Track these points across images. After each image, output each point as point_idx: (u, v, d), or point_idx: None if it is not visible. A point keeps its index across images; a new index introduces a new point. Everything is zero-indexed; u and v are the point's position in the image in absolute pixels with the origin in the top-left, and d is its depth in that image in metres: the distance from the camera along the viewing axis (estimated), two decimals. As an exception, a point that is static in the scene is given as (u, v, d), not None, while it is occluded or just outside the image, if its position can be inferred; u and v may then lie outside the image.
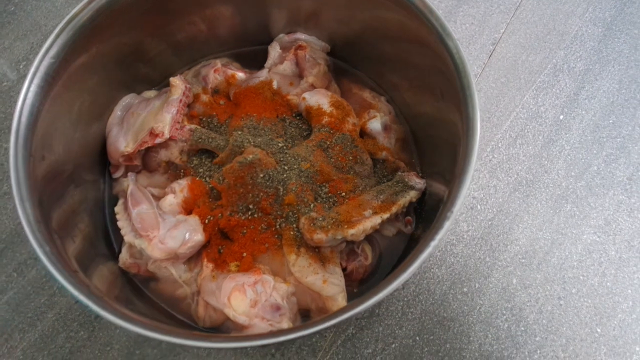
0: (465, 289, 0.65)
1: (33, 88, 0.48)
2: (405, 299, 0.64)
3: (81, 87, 0.57)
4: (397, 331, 0.63)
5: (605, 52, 0.81)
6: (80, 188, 0.58)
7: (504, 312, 0.64)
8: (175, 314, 0.58)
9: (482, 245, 0.68)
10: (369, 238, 0.58)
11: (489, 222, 0.69)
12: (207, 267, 0.56)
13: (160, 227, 0.55)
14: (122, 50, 0.62)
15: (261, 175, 0.55)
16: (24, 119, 0.47)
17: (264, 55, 0.71)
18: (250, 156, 0.56)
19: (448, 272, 0.66)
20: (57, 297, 0.63)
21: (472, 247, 0.67)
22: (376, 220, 0.55)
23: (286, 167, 0.57)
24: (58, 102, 0.52)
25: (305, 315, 0.57)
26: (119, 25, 0.58)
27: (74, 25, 0.52)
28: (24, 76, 0.77)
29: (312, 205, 0.56)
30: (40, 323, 0.62)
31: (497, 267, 0.66)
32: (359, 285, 0.59)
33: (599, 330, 0.63)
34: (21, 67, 0.79)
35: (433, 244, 0.42)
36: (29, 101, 0.48)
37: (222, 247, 0.57)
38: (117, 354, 0.61)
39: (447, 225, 0.43)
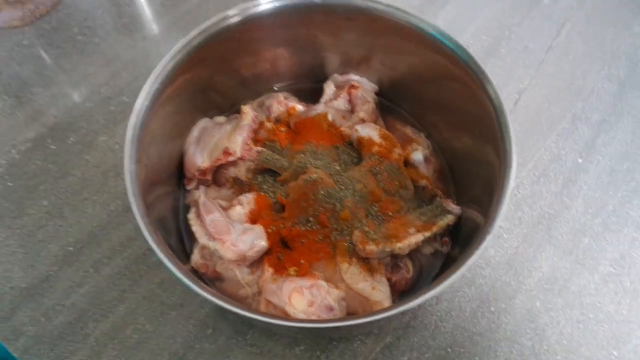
0: (492, 308, 0.72)
1: (142, 108, 0.58)
2: (438, 313, 0.71)
3: (170, 110, 0.66)
4: (430, 342, 0.69)
5: (620, 105, 0.90)
6: (162, 196, 0.67)
7: (528, 331, 0.70)
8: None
9: (508, 270, 0.75)
10: (410, 254, 0.66)
11: (514, 250, 0.76)
12: (268, 271, 0.64)
13: (232, 232, 0.64)
14: (203, 81, 0.72)
15: (322, 193, 0.64)
16: (136, 131, 0.57)
17: (317, 92, 0.81)
18: (314, 175, 0.65)
19: (477, 292, 0.73)
20: (128, 293, 0.71)
21: (498, 270, 0.75)
22: (419, 237, 0.63)
23: (342, 187, 0.66)
24: (155, 120, 0.62)
25: (352, 318, 0.63)
26: (205, 61, 0.69)
27: (174, 59, 0.63)
28: (108, 98, 0.89)
29: (364, 221, 0.64)
30: (112, 315, 0.70)
31: (522, 290, 0.73)
32: (400, 297, 0.67)
33: (615, 353, 0.69)
34: (102, 90, 0.89)
35: (478, 252, 0.50)
36: (139, 115, 0.58)
37: (281, 254, 0.65)
38: (179, 347, 0.68)
39: (489, 238, 0.51)
